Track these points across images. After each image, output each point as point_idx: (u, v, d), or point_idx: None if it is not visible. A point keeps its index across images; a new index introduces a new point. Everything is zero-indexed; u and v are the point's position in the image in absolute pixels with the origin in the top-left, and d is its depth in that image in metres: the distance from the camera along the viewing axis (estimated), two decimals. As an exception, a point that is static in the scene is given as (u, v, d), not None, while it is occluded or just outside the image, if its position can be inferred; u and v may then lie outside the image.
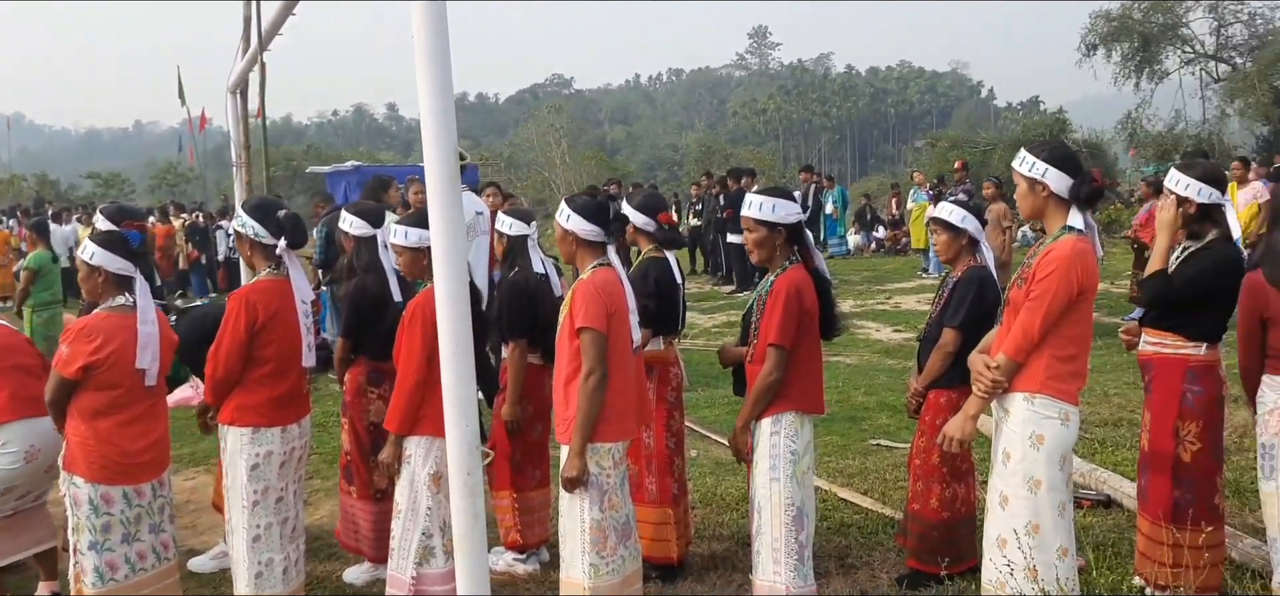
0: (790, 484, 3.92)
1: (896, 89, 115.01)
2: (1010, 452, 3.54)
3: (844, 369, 10.24)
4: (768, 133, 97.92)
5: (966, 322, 4.45)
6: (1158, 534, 4.22)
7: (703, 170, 27.64)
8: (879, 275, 18.08)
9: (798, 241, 4.05)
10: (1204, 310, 4.14)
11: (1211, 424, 4.18)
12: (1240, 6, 33.41)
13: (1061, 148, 3.60)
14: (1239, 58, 33.68)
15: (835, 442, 7.32)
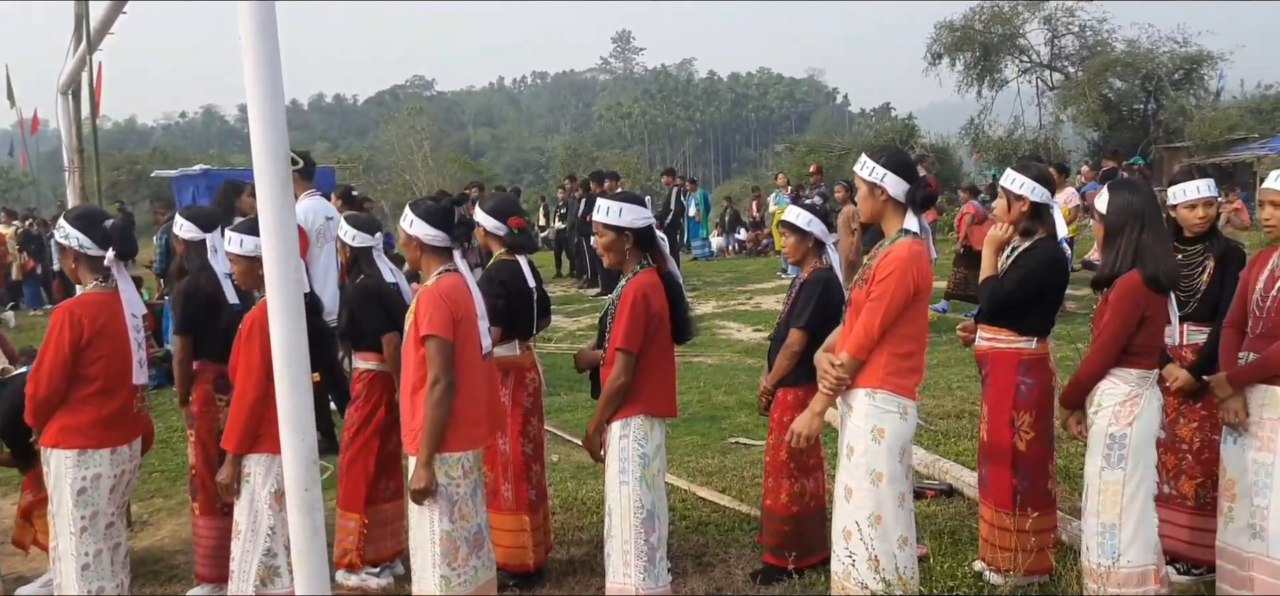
0: (640, 486, 3.95)
1: (757, 94, 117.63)
2: (854, 447, 3.65)
3: (705, 369, 10.39)
4: (633, 136, 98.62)
5: (812, 322, 4.57)
6: (999, 520, 4.44)
7: (568, 173, 27.64)
8: (740, 276, 18.42)
9: (648, 246, 4.08)
10: (1034, 307, 4.38)
11: (1043, 414, 4.43)
12: (1072, 19, 35.47)
13: (899, 154, 3.74)
14: (1071, 67, 35.74)
15: (695, 442, 7.42)
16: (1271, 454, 3.83)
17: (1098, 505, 3.79)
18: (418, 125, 50.00)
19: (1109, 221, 3.81)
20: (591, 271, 17.28)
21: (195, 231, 4.78)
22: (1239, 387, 3.93)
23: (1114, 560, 3.75)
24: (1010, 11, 35.07)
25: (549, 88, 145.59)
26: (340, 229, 4.98)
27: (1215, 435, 4.33)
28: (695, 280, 17.83)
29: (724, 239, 24.38)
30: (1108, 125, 32.71)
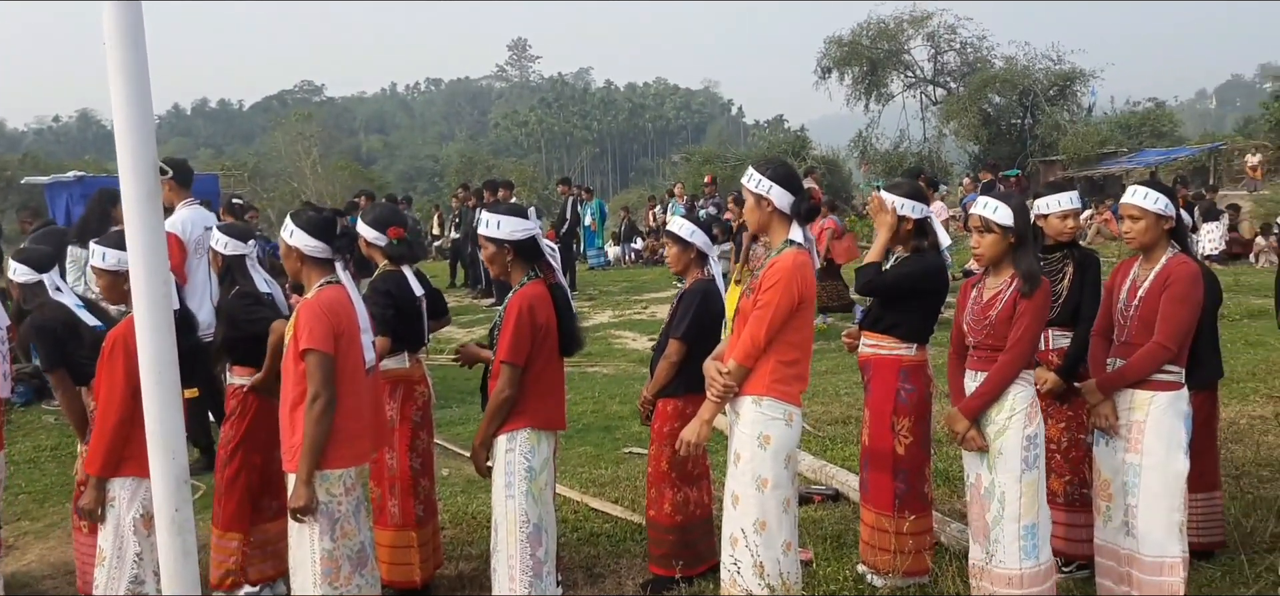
0: (526, 500, 3.93)
1: (654, 104, 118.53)
2: (740, 453, 3.70)
3: (600, 379, 10.40)
4: (530, 145, 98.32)
5: (690, 333, 4.61)
6: (879, 523, 4.55)
7: (462, 182, 27.36)
8: (637, 285, 18.49)
9: (533, 257, 4.07)
10: (913, 313, 4.51)
11: (922, 418, 4.56)
12: (953, 36, 36.83)
13: (784, 167, 3.81)
14: (953, 83, 37.10)
15: (589, 452, 7.41)
16: (1139, 455, 4.02)
17: (1018, 509, 3.85)
18: (306, 131, 48.91)
19: (1017, 229, 3.92)
20: (486, 282, 17.10)
21: (29, 274, 4.63)
22: (1108, 393, 4.11)
23: (1037, 559, 3.86)
24: (895, 28, 36.21)
25: (443, 95, 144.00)
26: (213, 237, 4.82)
27: (1081, 434, 4.55)
28: (592, 289, 17.84)
29: (621, 248, 24.46)
30: (987, 139, 34.03)
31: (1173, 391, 4.01)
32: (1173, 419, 3.99)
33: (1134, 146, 33.37)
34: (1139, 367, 3.99)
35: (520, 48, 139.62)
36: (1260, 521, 5.21)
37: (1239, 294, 13.05)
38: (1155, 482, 3.98)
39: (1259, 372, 8.79)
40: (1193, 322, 4.01)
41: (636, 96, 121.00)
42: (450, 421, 8.32)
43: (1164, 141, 34.82)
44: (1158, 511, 3.97)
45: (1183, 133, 40.66)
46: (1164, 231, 4.09)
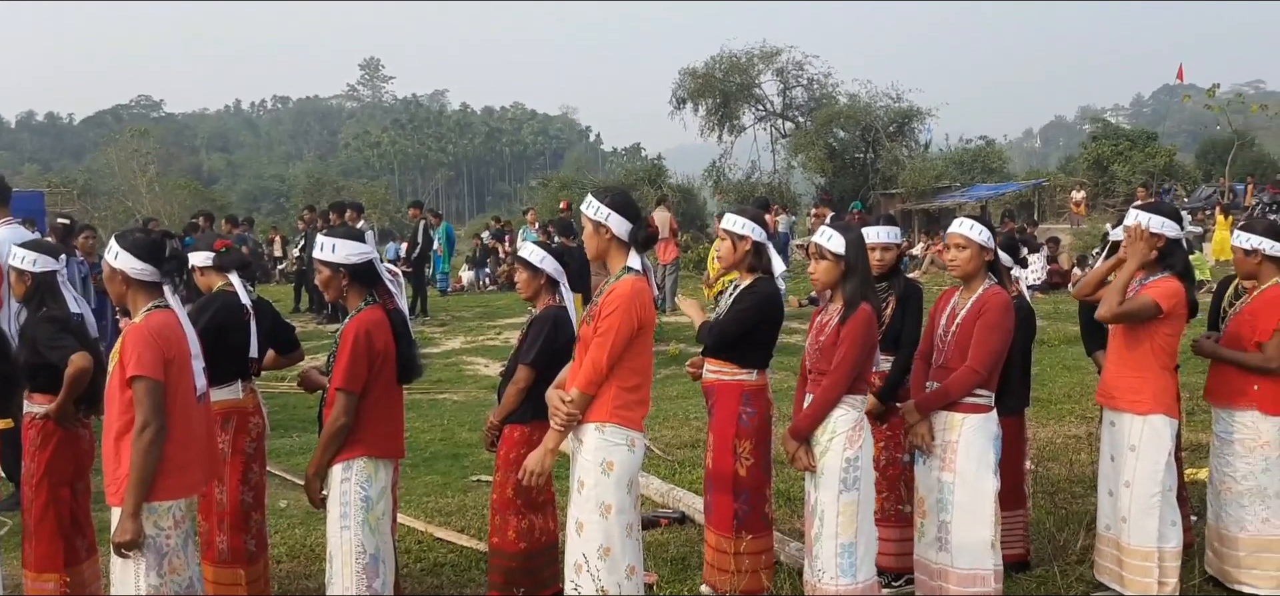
0: (362, 530, 3.84)
1: (511, 129, 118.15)
2: (584, 480, 3.73)
3: (450, 406, 10.26)
4: (382, 166, 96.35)
5: (539, 360, 4.62)
6: (721, 544, 4.64)
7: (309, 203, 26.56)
8: (491, 311, 18.35)
9: (370, 282, 4.00)
10: (754, 341, 4.64)
11: (762, 441, 4.69)
12: (801, 73, 38.12)
13: (623, 195, 3.88)
14: (801, 117, 38.35)
15: (435, 481, 7.30)
16: (952, 473, 4.25)
17: (836, 528, 4.00)
18: (142, 148, 46.64)
19: (848, 258, 4.09)
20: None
21: None
22: (925, 413, 4.34)
23: (854, 577, 4.01)
24: (746, 62, 37.18)
25: (291, 113, 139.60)
26: (14, 255, 4.49)
27: (898, 453, 4.79)
28: (444, 315, 17.60)
29: (475, 273, 24.23)
30: (833, 172, 35.32)
31: (983, 414, 4.27)
32: (983, 440, 4.25)
33: (967, 181, 35.30)
34: (952, 390, 4.23)
35: (373, 67, 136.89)
36: (1072, 535, 5.57)
37: (1058, 321, 13.94)
38: (967, 499, 4.21)
39: (1074, 395, 9.41)
40: (1003, 350, 4.27)
41: (494, 120, 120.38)
42: (291, 451, 8.06)
43: (994, 177, 36.99)
44: (969, 527, 4.21)
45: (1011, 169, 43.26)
46: (984, 262, 4.36)
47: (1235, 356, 4.70)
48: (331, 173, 70.90)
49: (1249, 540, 4.66)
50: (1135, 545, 4.45)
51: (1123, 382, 4.52)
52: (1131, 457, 4.45)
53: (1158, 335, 4.42)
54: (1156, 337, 4.42)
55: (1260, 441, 4.62)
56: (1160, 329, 4.41)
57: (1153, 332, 4.42)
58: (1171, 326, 4.42)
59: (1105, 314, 4.39)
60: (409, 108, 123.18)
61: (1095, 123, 42.76)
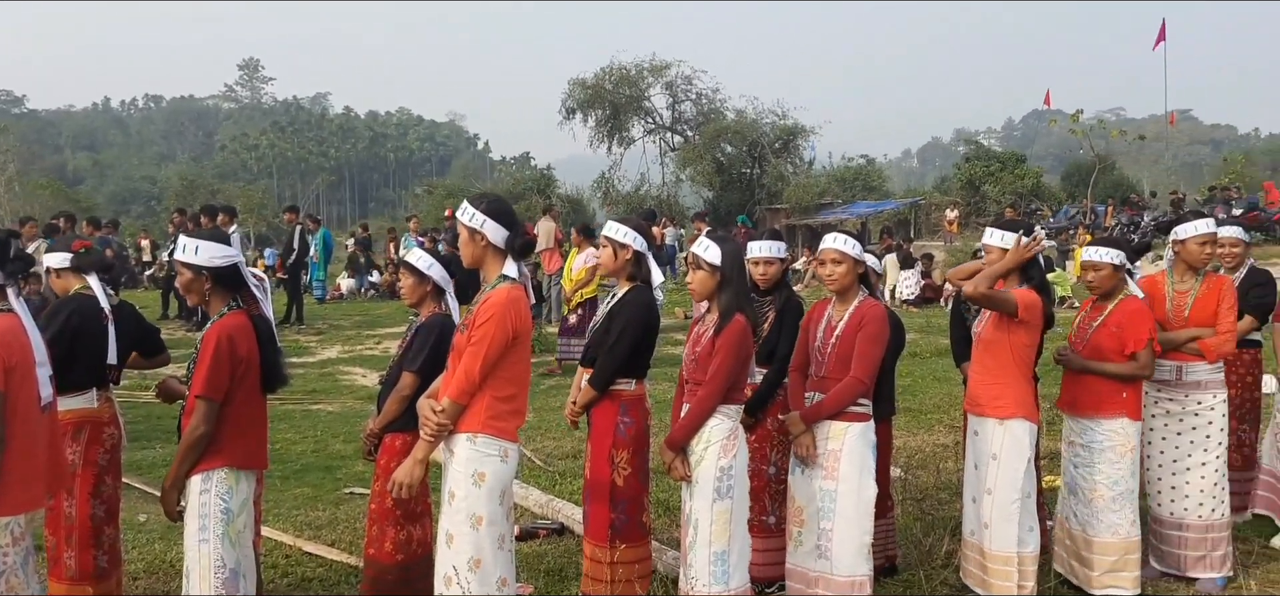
0: (222, 544, 3.69)
1: (397, 135, 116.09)
2: (455, 492, 3.65)
3: (324, 416, 9.98)
4: (261, 170, 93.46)
5: (425, 368, 4.53)
6: (598, 554, 4.62)
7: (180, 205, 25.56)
8: (371, 320, 17.96)
9: (235, 286, 3.86)
10: (624, 350, 4.62)
11: (640, 451, 4.69)
12: (690, 87, 38.66)
13: (499, 202, 3.82)
14: (690, 131, 38.86)
15: (306, 494, 7.09)
16: (835, 481, 4.33)
17: (710, 535, 4.03)
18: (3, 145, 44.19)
19: (723, 270, 4.12)
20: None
21: None
22: (810, 424, 4.41)
23: (726, 585, 4.03)
24: (636, 74, 37.49)
25: (164, 113, 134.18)
26: None
27: (762, 464, 4.87)
28: (321, 323, 17.15)
29: (357, 281, 23.67)
30: (720, 186, 35.90)
31: (864, 422, 4.37)
32: (864, 447, 4.35)
33: (848, 198, 36.35)
34: (838, 400, 4.32)
35: (252, 68, 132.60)
36: (938, 540, 5.75)
37: (930, 334, 14.42)
38: (849, 507, 4.30)
39: (943, 405, 9.73)
40: (882, 358, 4.39)
41: (378, 125, 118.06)
42: (152, 463, 7.71)
43: (874, 194, 38.20)
44: (850, 534, 4.30)
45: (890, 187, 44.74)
46: (857, 275, 4.47)
47: (1105, 368, 4.87)
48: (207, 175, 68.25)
49: (1119, 544, 4.86)
50: (996, 550, 4.61)
51: (985, 390, 4.70)
52: (993, 465, 4.62)
53: (1016, 343, 4.60)
54: (1015, 346, 4.60)
55: (1129, 447, 4.84)
56: (1018, 336, 4.59)
57: (1012, 341, 4.60)
58: (1028, 335, 4.60)
59: (971, 290, 4.54)
60: (289, 110, 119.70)
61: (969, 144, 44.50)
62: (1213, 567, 5.10)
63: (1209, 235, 5.21)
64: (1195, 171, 74.67)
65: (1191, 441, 5.16)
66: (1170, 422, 5.21)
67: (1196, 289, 5.20)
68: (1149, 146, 49.08)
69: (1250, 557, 5.44)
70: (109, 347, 4.29)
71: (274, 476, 7.22)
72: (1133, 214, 27.09)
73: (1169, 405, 5.21)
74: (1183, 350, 5.14)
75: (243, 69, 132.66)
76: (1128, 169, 44.91)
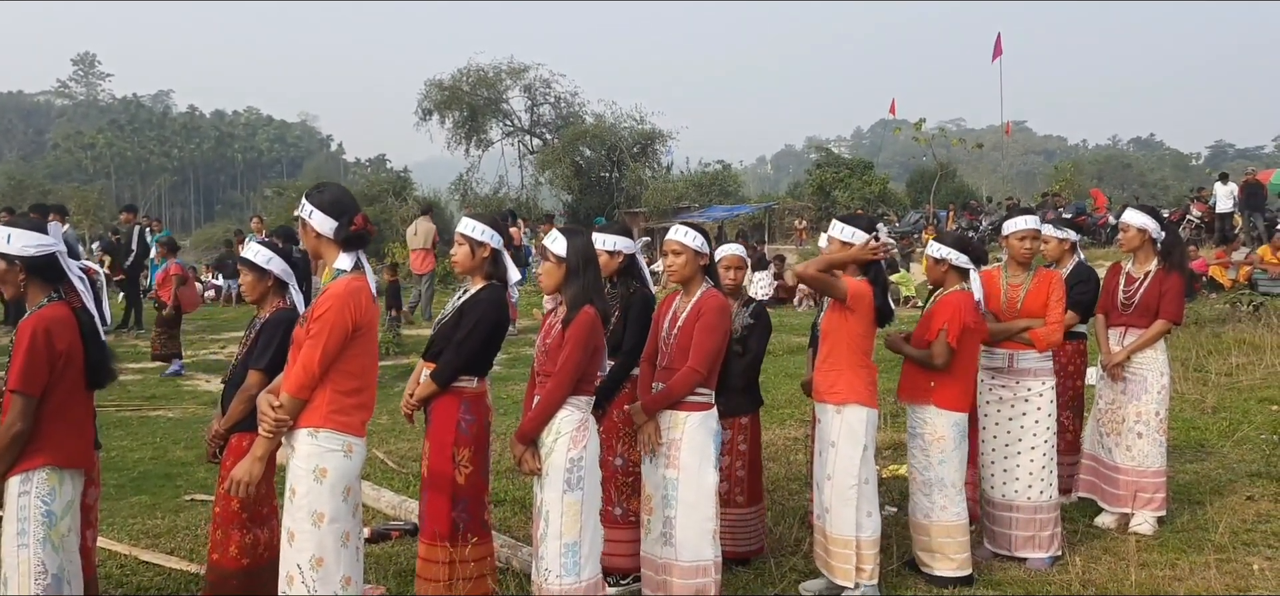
0: (43, 548, 3.48)
1: (244, 135, 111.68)
2: (296, 488, 3.55)
3: (164, 423, 9.52)
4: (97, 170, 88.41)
5: (272, 364, 4.38)
6: (434, 553, 4.53)
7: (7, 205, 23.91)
8: (216, 324, 17.24)
9: (54, 278, 3.65)
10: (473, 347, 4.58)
11: (481, 449, 4.63)
12: (548, 90, 38.55)
13: (332, 192, 3.75)
14: (549, 134, 38.75)
15: (144, 502, 6.76)
16: (676, 470, 4.39)
17: (561, 527, 4.01)
18: None
19: (569, 262, 4.12)
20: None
21: None
22: (651, 413, 4.46)
23: (578, 576, 4.02)
24: (494, 77, 37.16)
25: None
26: None
27: (609, 456, 4.86)
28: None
29: (227, 284, 22.69)
30: (579, 189, 35.93)
31: (704, 411, 4.44)
32: (704, 436, 4.42)
33: (705, 202, 36.96)
34: (676, 390, 4.39)
35: (87, 63, 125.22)
36: (788, 528, 5.93)
37: (781, 333, 14.77)
38: (690, 494, 4.37)
39: (795, 401, 9.99)
40: (721, 349, 4.46)
41: (225, 125, 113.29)
42: None
43: (730, 199, 38.95)
44: (693, 520, 4.37)
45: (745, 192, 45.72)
46: (700, 267, 4.55)
47: (912, 353, 5.17)
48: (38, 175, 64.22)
49: (933, 526, 5.11)
50: (836, 533, 4.78)
51: (824, 378, 4.88)
52: (832, 452, 4.79)
53: (851, 332, 4.79)
54: (850, 335, 4.79)
55: (937, 435, 5.09)
56: (852, 325, 4.77)
57: (847, 329, 4.78)
58: (860, 324, 4.79)
59: (803, 270, 4.76)
60: (129, 108, 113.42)
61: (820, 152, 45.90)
62: (1042, 547, 5.40)
63: (1030, 231, 5.57)
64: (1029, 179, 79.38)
65: (1022, 426, 5.47)
66: (1002, 408, 5.51)
67: (1027, 282, 5.52)
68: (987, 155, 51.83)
69: (1076, 536, 5.78)
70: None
71: (110, 485, 6.85)
72: (972, 218, 28.57)
73: (1001, 391, 5.51)
74: (1016, 339, 5.45)
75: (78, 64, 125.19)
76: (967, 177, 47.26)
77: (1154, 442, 5.92)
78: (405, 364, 12.01)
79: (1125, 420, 5.99)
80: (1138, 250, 6.06)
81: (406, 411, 4.73)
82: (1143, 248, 6.05)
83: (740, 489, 5.36)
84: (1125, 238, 6.12)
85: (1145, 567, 5.25)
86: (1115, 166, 71.52)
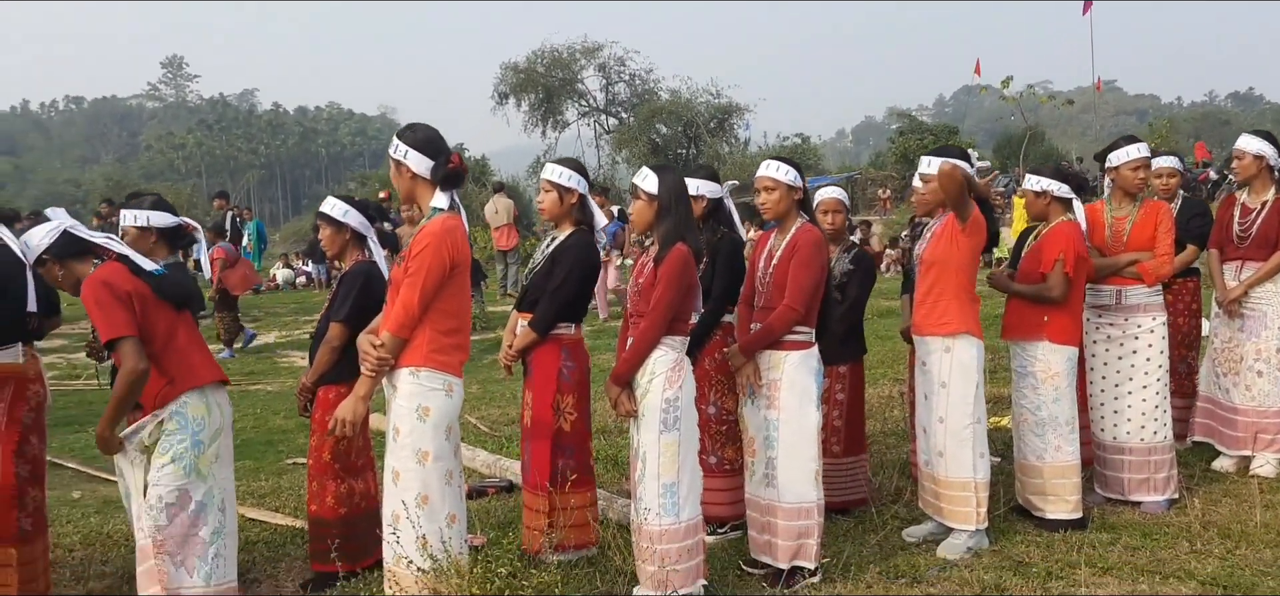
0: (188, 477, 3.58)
1: (327, 130, 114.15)
2: (399, 427, 3.57)
3: (263, 396, 9.80)
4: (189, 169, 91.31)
5: (352, 316, 4.43)
6: (539, 501, 4.54)
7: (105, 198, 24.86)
8: (305, 307, 17.66)
9: None
10: (569, 293, 4.57)
11: (584, 394, 4.63)
12: (623, 68, 38.53)
13: (424, 132, 3.71)
14: (624, 113, 38.74)
15: (248, 466, 6.94)
16: (777, 411, 4.30)
17: (658, 468, 3.94)
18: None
19: (661, 199, 4.04)
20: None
21: None
22: (749, 355, 4.37)
23: (677, 516, 3.96)
24: (568, 57, 37.25)
25: (86, 114, 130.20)
26: None
27: (703, 405, 4.68)
28: (257, 311, 16.80)
29: (291, 271, 23.34)
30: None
31: (804, 350, 4.33)
32: (805, 376, 4.31)
33: (784, 175, 36.54)
34: (774, 328, 4.28)
35: (175, 65, 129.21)
36: (887, 478, 5.80)
37: (872, 297, 14.57)
38: (791, 435, 4.27)
39: (887, 361, 9.86)
40: (819, 285, 4.34)
41: (308, 120, 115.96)
42: (85, 446, 7.45)
43: (809, 172, 38.40)
44: (795, 462, 4.27)
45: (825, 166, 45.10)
46: (794, 201, 4.44)
47: (1023, 289, 4.98)
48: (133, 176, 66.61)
49: (1046, 468, 4.94)
50: (952, 477, 4.62)
51: (930, 312, 4.68)
52: (943, 393, 4.62)
53: (960, 260, 4.58)
54: (960, 263, 4.59)
55: (1051, 373, 4.90)
56: (961, 253, 4.58)
57: (957, 258, 4.58)
58: (970, 252, 4.60)
59: (951, 169, 4.42)
60: (216, 108, 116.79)
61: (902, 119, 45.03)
62: (1157, 490, 5.18)
63: (1142, 160, 5.28)
64: (1121, 141, 76.35)
65: (1132, 365, 5.24)
66: (1111, 347, 5.29)
67: (1134, 214, 5.27)
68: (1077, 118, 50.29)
69: (1193, 480, 5.54)
70: (28, 297, 4.09)
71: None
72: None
73: (1110, 330, 5.29)
74: (1123, 275, 5.22)
75: (166, 67, 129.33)
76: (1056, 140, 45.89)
77: (1274, 381, 5.62)
78: (491, 338, 12.10)
79: (1243, 359, 5.70)
80: (1253, 179, 5.74)
81: (505, 362, 4.74)
82: (1259, 176, 5.73)
83: (837, 439, 5.24)
84: (1240, 166, 5.79)
85: (1270, 509, 4.99)
86: (1213, 124, 68.62)
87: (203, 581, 3.47)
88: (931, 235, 4.72)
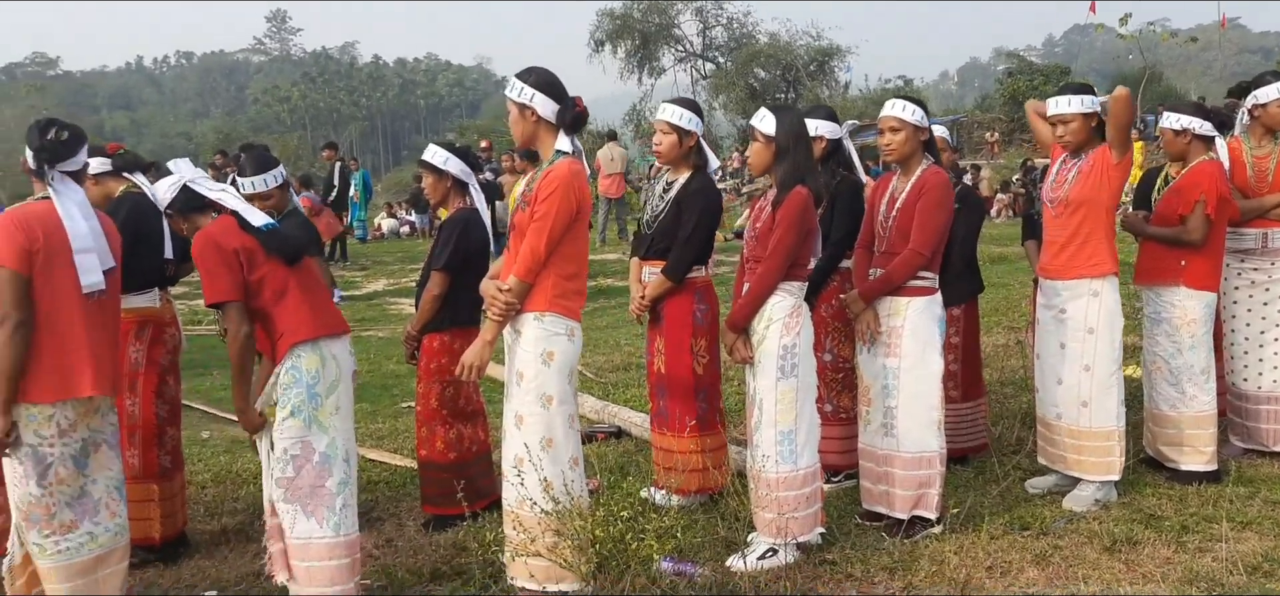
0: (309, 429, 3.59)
1: (425, 81, 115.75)
2: (523, 372, 3.57)
3: (376, 342, 10.03)
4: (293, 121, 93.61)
5: (453, 263, 4.45)
6: (673, 444, 4.55)
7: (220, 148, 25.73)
8: (412, 256, 18.03)
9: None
10: (701, 238, 4.52)
11: (715, 338, 4.61)
12: (721, 11, 38.00)
13: (547, 74, 3.64)
14: (721, 57, 38.27)
15: (364, 409, 7.11)
16: (897, 358, 4.19)
17: (775, 415, 3.89)
18: (40, 105, 44.79)
19: (779, 141, 3.94)
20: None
21: None
22: (869, 301, 4.26)
23: (795, 464, 3.92)
24: (665, 2, 36.88)
25: (196, 69, 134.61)
26: None
27: (819, 353, 4.55)
28: (365, 259, 17.22)
29: (396, 221, 23.85)
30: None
31: (928, 297, 4.20)
32: (928, 322, 4.19)
33: (886, 119, 35.69)
34: (897, 274, 4.15)
35: (279, 19, 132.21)
36: (1007, 428, 5.64)
37: (982, 243, 14.15)
38: (912, 383, 4.16)
39: (1000, 308, 9.59)
40: (945, 229, 4.20)
41: (407, 72, 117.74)
42: (211, 389, 7.75)
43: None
44: (917, 411, 4.17)
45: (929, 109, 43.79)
46: (920, 143, 4.28)
47: (1160, 232, 4.74)
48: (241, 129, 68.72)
49: (1181, 417, 4.72)
50: (1097, 427, 4.43)
51: (1076, 254, 4.44)
52: (1091, 339, 4.42)
53: (1107, 200, 4.37)
54: (1108, 202, 4.38)
55: (1188, 319, 4.67)
56: (1108, 192, 4.36)
57: (1104, 198, 4.37)
58: (1115, 192, 4.39)
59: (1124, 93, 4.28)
60: (319, 61, 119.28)
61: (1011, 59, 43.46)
62: (1301, 441, 4.93)
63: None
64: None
65: (1277, 310, 4.96)
66: (1255, 293, 5.01)
67: (1278, 153, 4.96)
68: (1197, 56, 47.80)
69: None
70: (165, 244, 4.23)
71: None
72: (1185, 121, 26.37)
73: (1254, 275, 5.00)
74: (1268, 217, 4.92)
75: (270, 21, 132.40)
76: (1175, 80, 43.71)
77: None
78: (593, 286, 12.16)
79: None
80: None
81: (636, 312, 4.72)
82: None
83: (954, 383, 5.09)
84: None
85: None
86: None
87: (332, 532, 3.50)
88: (1077, 174, 4.45)
